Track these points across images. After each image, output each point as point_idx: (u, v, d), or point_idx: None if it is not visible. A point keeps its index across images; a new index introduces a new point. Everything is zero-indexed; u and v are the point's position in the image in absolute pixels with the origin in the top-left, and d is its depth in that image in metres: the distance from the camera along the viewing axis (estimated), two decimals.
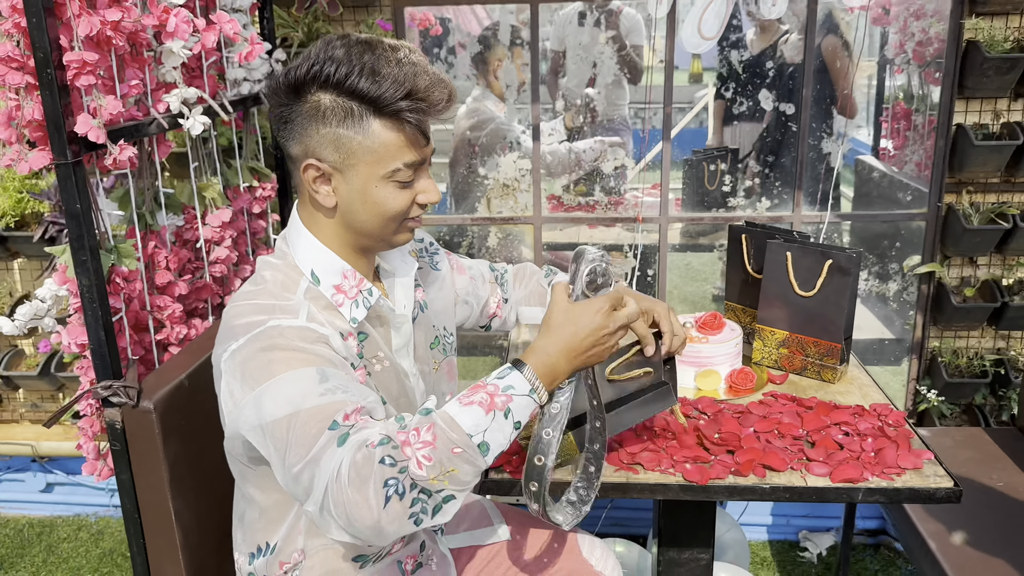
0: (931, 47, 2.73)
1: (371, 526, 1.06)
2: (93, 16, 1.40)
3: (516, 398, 1.16)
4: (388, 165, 1.23)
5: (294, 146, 1.26)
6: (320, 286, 1.30)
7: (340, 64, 1.18)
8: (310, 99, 1.21)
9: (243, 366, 1.18)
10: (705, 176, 3.04)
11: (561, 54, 3.51)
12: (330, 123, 1.20)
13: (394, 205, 1.26)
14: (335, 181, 1.25)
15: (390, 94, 1.18)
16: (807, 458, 1.58)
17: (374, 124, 1.20)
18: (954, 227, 2.53)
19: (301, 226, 1.32)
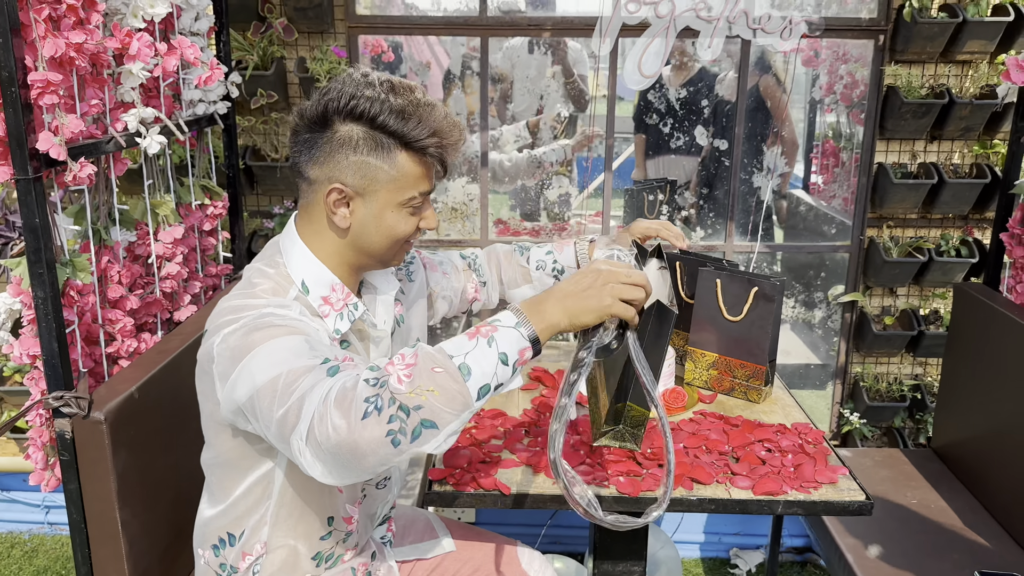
0: (856, 90, 2.91)
1: (347, 442, 1.08)
2: (58, 38, 1.45)
3: (501, 329, 1.18)
4: (407, 193, 1.35)
5: (314, 169, 1.34)
6: (309, 296, 1.38)
7: (373, 101, 1.30)
8: (341, 129, 1.32)
9: (235, 343, 1.24)
10: (644, 205, 3.17)
11: (510, 80, 3.62)
12: (360, 152, 1.31)
13: (403, 229, 1.38)
14: (354, 204, 1.35)
15: (417, 132, 1.31)
16: (732, 472, 1.69)
17: (400, 156, 1.32)
18: (875, 259, 2.69)
19: (297, 238, 1.41)
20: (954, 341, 2.38)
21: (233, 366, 1.23)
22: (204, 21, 2.06)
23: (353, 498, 1.49)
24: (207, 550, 1.47)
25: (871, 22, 2.60)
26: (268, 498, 1.40)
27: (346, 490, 1.47)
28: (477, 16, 2.63)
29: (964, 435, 2.37)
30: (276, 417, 1.16)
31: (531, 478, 1.66)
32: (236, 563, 1.44)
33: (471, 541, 1.79)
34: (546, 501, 1.62)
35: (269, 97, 2.53)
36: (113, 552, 1.60)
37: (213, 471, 1.44)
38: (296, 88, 2.65)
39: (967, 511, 2.22)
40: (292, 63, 2.62)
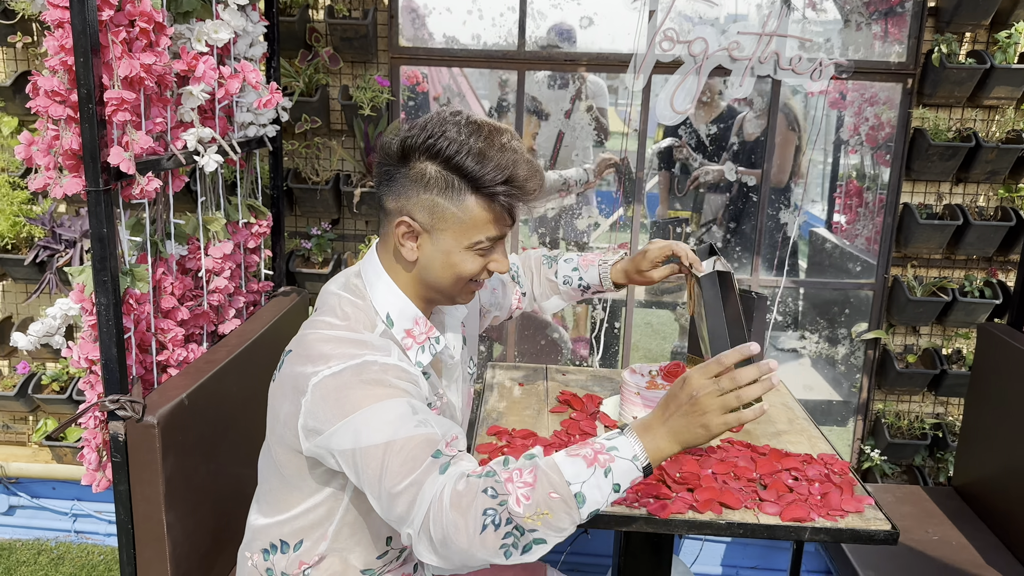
0: (883, 131, 2.97)
1: (465, 550, 1.16)
2: (133, 59, 1.53)
3: (619, 460, 1.21)
4: (473, 237, 1.36)
5: (391, 201, 1.38)
6: (393, 329, 1.41)
7: (452, 142, 1.31)
8: (417, 166, 1.34)
9: (338, 392, 1.27)
10: (670, 238, 3.23)
11: (530, 115, 3.69)
12: (431, 191, 1.33)
13: (468, 269, 1.39)
14: (422, 240, 1.38)
15: (491, 177, 1.31)
16: (760, 498, 1.72)
17: (470, 200, 1.33)
18: (899, 298, 2.73)
19: (381, 269, 1.44)
20: (977, 380, 2.41)
21: (334, 416, 1.26)
22: (258, 48, 2.15)
23: None
24: (255, 553, 1.51)
25: (900, 66, 2.67)
26: (330, 519, 1.43)
27: None
28: (515, 50, 2.72)
29: (986, 474, 2.39)
30: (382, 491, 1.21)
31: None
32: (289, 569, 1.47)
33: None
34: None
35: (313, 122, 2.62)
36: (157, 553, 1.66)
37: (271, 482, 1.48)
38: (338, 115, 2.74)
39: (988, 549, 2.24)
40: (336, 91, 2.71)
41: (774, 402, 2.27)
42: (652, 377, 2.06)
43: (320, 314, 1.41)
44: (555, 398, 2.21)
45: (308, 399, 1.30)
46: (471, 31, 2.83)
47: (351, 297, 1.42)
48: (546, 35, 3.05)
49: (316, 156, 2.76)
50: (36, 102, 1.50)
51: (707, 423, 1.21)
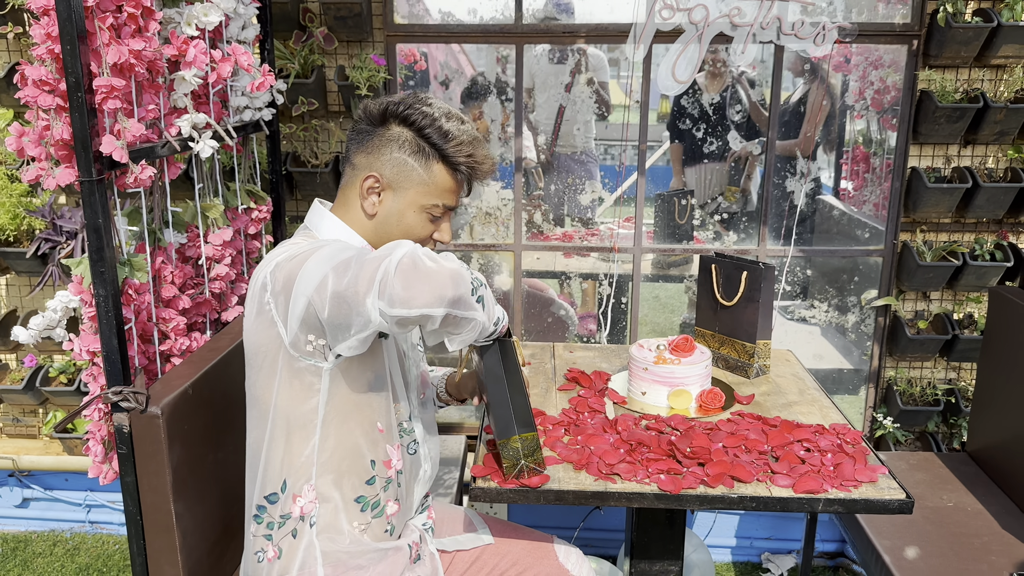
0: (888, 95, 2.92)
1: (436, 271, 1.29)
2: (121, 45, 1.50)
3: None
4: (432, 199, 1.53)
5: (360, 157, 1.53)
6: None
7: (426, 116, 1.51)
8: (394, 128, 1.52)
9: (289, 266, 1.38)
10: (676, 211, 3.19)
11: (529, 91, 3.65)
12: (404, 151, 1.51)
13: (419, 232, 1.55)
14: (384, 195, 1.53)
15: (455, 151, 1.51)
16: (772, 471, 1.71)
17: (436, 166, 1.52)
18: (908, 263, 2.70)
19: (326, 212, 1.56)
20: (989, 344, 2.38)
21: (290, 280, 1.36)
22: (250, 30, 2.12)
23: (391, 439, 1.56)
24: (251, 523, 1.53)
25: (904, 27, 2.62)
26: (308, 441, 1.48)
27: (385, 430, 1.55)
28: (512, 24, 2.68)
29: (1000, 438, 2.37)
30: (342, 290, 1.29)
31: (572, 475, 1.69)
32: (287, 509, 1.50)
33: (508, 537, 1.83)
34: (587, 497, 1.65)
35: (310, 104, 2.59)
36: (167, 544, 1.65)
37: (253, 434, 1.53)
38: (335, 96, 2.71)
39: (1004, 514, 2.22)
40: (332, 71, 2.67)
41: (784, 373, 2.25)
42: (660, 352, 2.04)
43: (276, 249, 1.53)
44: (563, 376, 2.19)
45: (270, 284, 1.40)
46: (467, 5, 2.79)
47: (297, 237, 1.54)
48: (543, 7, 3.00)
49: (314, 139, 2.73)
50: (25, 92, 1.48)
51: None
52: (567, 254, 3.19)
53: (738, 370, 2.21)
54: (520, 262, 2.86)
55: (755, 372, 2.18)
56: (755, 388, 2.13)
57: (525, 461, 1.62)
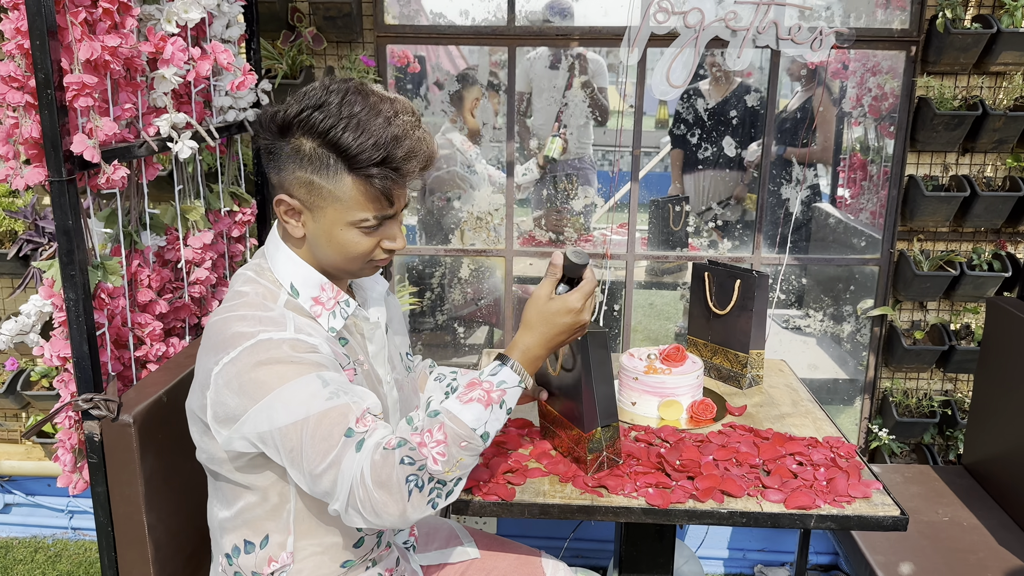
0: (886, 102, 2.88)
1: (398, 516, 1.23)
2: (94, 41, 1.46)
3: (509, 391, 1.35)
4: (354, 215, 1.31)
5: (273, 175, 1.35)
6: (299, 298, 1.38)
7: (328, 115, 1.25)
8: (293, 141, 1.29)
9: (239, 379, 1.25)
10: (670, 217, 3.15)
11: (527, 96, 3.62)
12: (306, 168, 1.29)
13: (357, 249, 1.35)
14: (304, 217, 1.34)
15: (365, 156, 1.25)
16: (763, 485, 1.66)
17: (346, 179, 1.28)
18: (905, 273, 2.65)
19: (280, 242, 1.40)
20: (987, 356, 2.34)
21: (243, 403, 1.25)
22: (235, 29, 2.07)
23: None
24: (222, 557, 1.46)
25: (903, 33, 2.58)
26: (285, 503, 1.39)
27: None
28: (505, 26, 2.63)
29: (996, 451, 2.32)
30: (304, 472, 1.24)
31: (558, 488, 1.64)
32: (260, 568, 1.42)
33: (495, 551, 1.78)
34: (573, 512, 1.60)
35: None
36: (139, 555, 1.60)
37: (216, 475, 1.43)
38: None
39: (1000, 528, 2.18)
40: (321, 72, 2.63)
41: (777, 383, 2.20)
42: (651, 361, 1.99)
43: (224, 298, 1.41)
44: None
45: (212, 392, 1.29)
46: (459, 7, 2.75)
47: (251, 274, 1.40)
48: (540, 11, 2.96)
49: None
50: None
51: (576, 335, 1.46)
52: None
53: (731, 380, 2.17)
54: (511, 267, 2.81)
55: (748, 382, 2.14)
56: (747, 399, 2.09)
57: (607, 452, 1.65)
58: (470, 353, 3.11)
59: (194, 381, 1.37)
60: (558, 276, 1.45)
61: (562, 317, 1.41)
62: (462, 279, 3.04)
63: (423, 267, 3.08)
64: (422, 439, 1.25)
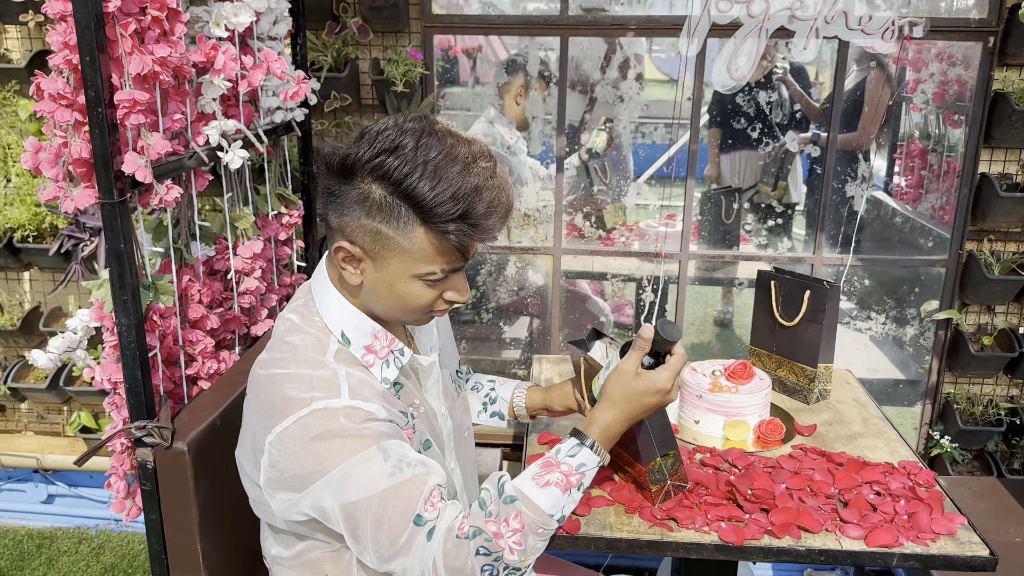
0: (951, 88, 2.74)
1: None
2: (145, 54, 1.38)
3: (588, 472, 1.31)
4: (422, 268, 1.21)
5: (333, 218, 1.23)
6: (351, 347, 1.28)
7: (403, 162, 1.14)
8: (360, 186, 1.18)
9: (295, 453, 1.18)
10: (723, 211, 3.04)
11: (591, 86, 3.45)
12: (374, 216, 1.18)
13: (419, 301, 1.25)
14: (364, 265, 1.24)
15: (442, 211, 1.15)
16: (841, 519, 1.58)
17: (418, 231, 1.17)
18: (975, 275, 2.53)
19: (330, 285, 1.30)
20: None
21: (300, 480, 1.19)
22: (282, 25, 1.99)
23: None
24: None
25: (980, 23, 2.43)
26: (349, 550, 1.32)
27: None
28: (558, 15, 2.52)
29: None
30: (374, 552, 1.19)
31: (624, 520, 1.57)
32: None
33: (551, 573, 1.72)
34: (642, 547, 1.53)
35: (343, 100, 2.46)
36: None
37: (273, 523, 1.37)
38: (369, 90, 2.57)
39: None
40: (366, 64, 2.54)
41: (845, 398, 2.11)
42: (715, 378, 1.91)
43: (269, 347, 1.30)
44: None
45: (266, 459, 1.21)
46: None
47: (298, 321, 1.29)
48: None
49: (347, 135, 2.60)
50: (41, 106, 1.36)
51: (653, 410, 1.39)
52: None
53: (796, 395, 2.08)
54: (559, 266, 2.72)
55: (815, 397, 2.05)
56: (816, 416, 2.00)
57: (671, 481, 1.58)
58: (512, 348, 3.04)
59: (243, 434, 1.30)
60: (646, 350, 1.37)
61: (648, 397, 1.35)
62: (508, 276, 2.95)
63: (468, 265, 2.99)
64: (498, 529, 1.20)
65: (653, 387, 1.34)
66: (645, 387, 1.34)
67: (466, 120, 2.93)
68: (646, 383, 1.34)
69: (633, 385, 1.34)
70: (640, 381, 1.34)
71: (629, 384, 1.34)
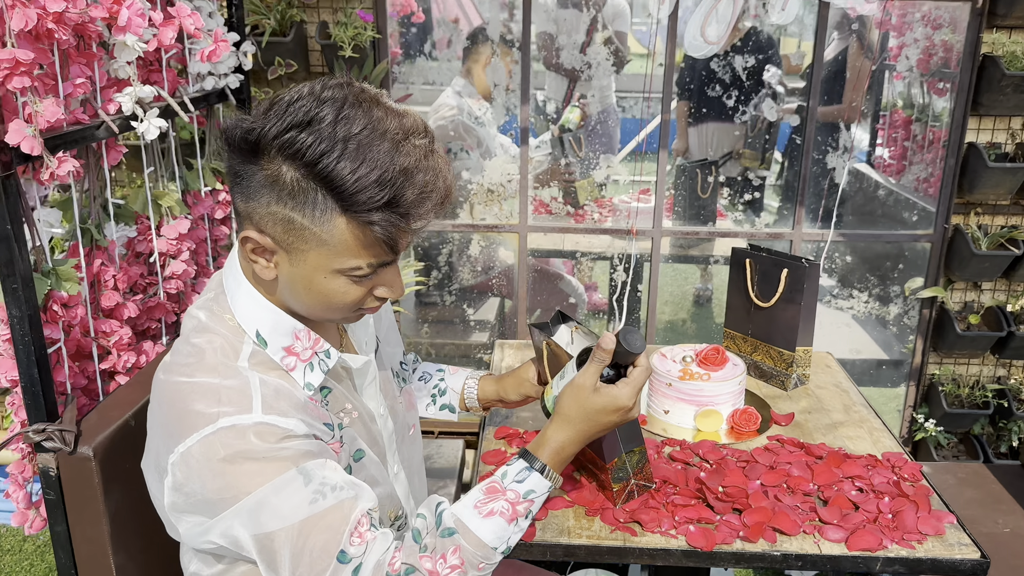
0: (937, 54, 2.60)
1: None
2: (29, 7, 1.20)
3: (537, 500, 1.18)
4: (344, 263, 1.03)
5: (240, 203, 1.04)
6: (268, 349, 1.11)
7: (319, 138, 0.95)
8: (268, 166, 0.98)
9: (202, 477, 1.02)
10: (698, 185, 2.89)
11: (552, 36, 3.26)
12: (284, 202, 0.99)
13: (343, 299, 1.07)
14: (278, 257, 1.05)
15: (365, 198, 0.96)
16: (820, 519, 1.45)
17: (337, 221, 0.98)
18: (961, 251, 2.41)
19: (243, 277, 1.12)
20: None
21: (207, 508, 1.03)
22: None
23: None
24: None
25: None
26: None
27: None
28: None
29: None
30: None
31: (584, 524, 1.43)
32: None
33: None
34: (603, 553, 1.39)
35: (288, 67, 2.28)
36: None
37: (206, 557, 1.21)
38: (318, 56, 2.39)
39: None
40: (313, 28, 2.36)
41: (825, 382, 1.98)
42: (686, 364, 1.77)
43: (174, 348, 1.13)
44: None
45: (169, 482, 1.04)
46: None
47: (206, 319, 1.11)
48: None
49: None
50: None
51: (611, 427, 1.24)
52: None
53: (773, 380, 1.94)
54: (525, 244, 2.57)
55: (793, 383, 1.91)
56: (794, 404, 1.87)
57: (635, 480, 1.45)
58: (478, 331, 2.89)
59: (147, 446, 1.13)
60: (606, 362, 1.21)
61: (608, 416, 1.20)
62: (472, 257, 2.80)
63: (429, 244, 2.84)
64: (434, 566, 1.06)
65: (613, 404, 1.19)
66: (604, 404, 1.19)
67: (425, 93, 2.76)
68: (605, 400, 1.19)
69: (591, 402, 1.19)
70: (599, 398, 1.19)
71: (586, 401, 1.19)
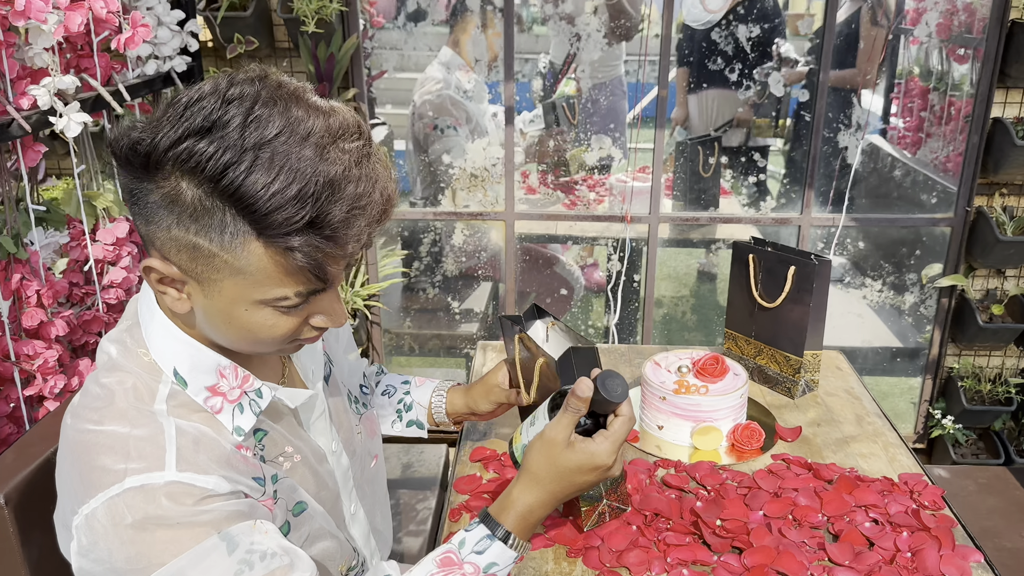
0: (959, 18, 2.39)
1: None
2: None
3: (500, 573, 1.02)
4: (267, 293, 0.85)
5: (140, 226, 0.86)
6: (188, 390, 0.94)
7: (222, 144, 0.77)
8: (163, 184, 0.80)
9: (108, 547, 0.85)
10: (700, 164, 2.69)
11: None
12: (187, 227, 0.81)
13: (272, 332, 0.89)
14: (190, 288, 0.87)
15: (282, 218, 0.77)
16: (830, 559, 1.29)
17: (252, 246, 0.80)
18: (985, 236, 2.22)
19: (156, 308, 0.95)
20: None
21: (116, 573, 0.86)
22: None
23: None
24: None
25: None
26: None
27: None
28: None
29: None
30: None
31: (565, 567, 1.27)
32: None
33: None
34: None
35: (248, 44, 2.09)
36: None
37: None
38: (282, 31, 2.20)
39: None
40: (275, 1, 2.16)
41: (835, 388, 1.81)
42: (682, 376, 1.60)
43: (84, 387, 0.96)
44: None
45: (75, 546, 0.88)
46: None
47: (117, 354, 0.94)
48: None
49: None
50: None
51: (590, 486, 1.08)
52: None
53: (779, 387, 1.77)
54: (512, 233, 2.39)
55: (800, 390, 1.74)
56: (801, 414, 1.70)
57: (607, 500, 1.29)
58: (466, 322, 2.73)
59: (58, 499, 0.97)
60: (582, 413, 1.03)
61: (583, 475, 1.03)
62: (456, 247, 2.62)
63: (409, 234, 2.66)
64: None
65: (590, 463, 1.01)
66: (579, 463, 1.01)
67: (407, 63, 2.57)
68: (580, 457, 1.01)
69: (564, 459, 1.01)
70: (573, 455, 1.01)
71: (558, 458, 1.02)
